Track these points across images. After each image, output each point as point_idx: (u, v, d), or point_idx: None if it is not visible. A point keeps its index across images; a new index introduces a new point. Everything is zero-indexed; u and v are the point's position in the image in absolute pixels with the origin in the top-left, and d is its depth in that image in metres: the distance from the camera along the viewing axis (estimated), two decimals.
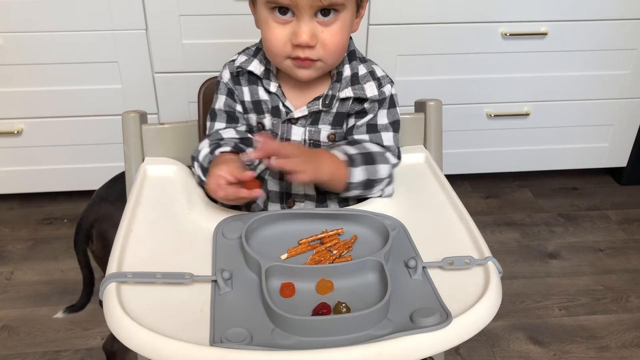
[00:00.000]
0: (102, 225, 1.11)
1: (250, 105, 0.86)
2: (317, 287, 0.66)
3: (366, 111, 0.84)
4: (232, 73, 0.86)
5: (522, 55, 1.68)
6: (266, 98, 0.85)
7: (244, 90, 0.86)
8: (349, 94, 0.83)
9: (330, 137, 0.85)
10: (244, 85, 0.86)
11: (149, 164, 0.89)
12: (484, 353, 1.34)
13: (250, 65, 0.84)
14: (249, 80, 0.86)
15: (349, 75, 0.84)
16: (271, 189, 0.87)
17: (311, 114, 0.83)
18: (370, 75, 0.84)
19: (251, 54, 0.86)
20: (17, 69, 1.56)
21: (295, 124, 0.84)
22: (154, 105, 1.65)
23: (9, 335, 1.36)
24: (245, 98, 0.86)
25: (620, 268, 1.62)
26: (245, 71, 0.85)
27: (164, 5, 1.51)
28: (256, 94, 0.85)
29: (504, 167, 1.89)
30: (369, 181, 0.80)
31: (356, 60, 0.85)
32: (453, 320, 0.60)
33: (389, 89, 0.85)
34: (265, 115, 0.85)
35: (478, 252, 0.71)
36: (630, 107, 1.81)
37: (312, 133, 0.84)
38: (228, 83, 0.86)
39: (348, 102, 0.84)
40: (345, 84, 0.84)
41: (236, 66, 0.85)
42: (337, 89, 0.83)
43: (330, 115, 0.84)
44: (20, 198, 1.84)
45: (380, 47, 1.61)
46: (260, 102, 0.85)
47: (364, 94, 0.83)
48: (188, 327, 0.60)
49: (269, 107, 0.85)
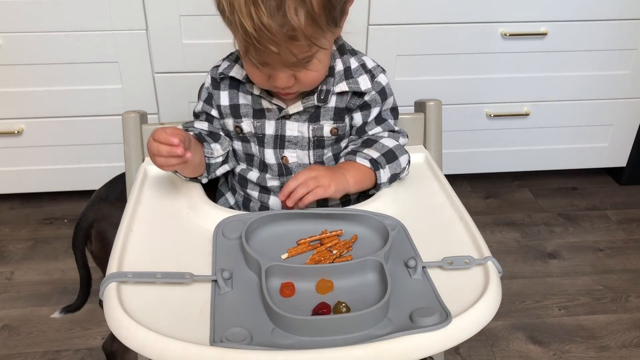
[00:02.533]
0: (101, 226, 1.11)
1: (227, 110, 0.87)
2: (317, 286, 0.66)
3: (369, 105, 0.86)
4: (213, 78, 0.87)
5: (522, 55, 1.68)
6: (245, 102, 0.86)
7: (222, 94, 0.87)
8: (344, 88, 0.84)
9: (333, 131, 0.86)
10: (222, 89, 0.87)
11: (149, 164, 0.89)
12: (483, 353, 1.34)
13: (232, 71, 0.85)
14: (229, 85, 0.87)
15: (342, 69, 0.85)
16: (271, 185, 0.88)
17: (307, 109, 0.84)
18: (362, 68, 0.86)
19: (233, 59, 0.87)
20: (17, 69, 1.56)
21: (289, 119, 0.85)
22: (154, 105, 1.65)
23: (9, 335, 1.37)
24: (222, 102, 0.87)
25: (620, 268, 1.62)
26: (228, 77, 0.86)
27: (164, 5, 1.51)
28: (235, 98, 0.87)
29: (504, 167, 1.89)
30: (394, 175, 0.84)
31: (347, 53, 0.86)
32: (453, 320, 0.60)
33: (383, 78, 0.87)
34: (242, 119, 0.86)
35: (478, 252, 0.71)
36: (630, 107, 1.82)
37: (315, 130, 0.85)
38: (209, 88, 0.88)
39: (346, 97, 0.85)
40: (339, 79, 0.84)
41: (219, 72, 0.86)
42: (330, 84, 0.84)
43: (330, 110, 0.85)
44: (20, 198, 1.84)
45: (380, 47, 1.61)
46: (239, 106, 0.86)
47: (359, 87, 0.84)
48: (188, 327, 0.60)
49: (250, 110, 0.86)
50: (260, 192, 0.90)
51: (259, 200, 0.90)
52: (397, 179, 0.85)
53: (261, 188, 0.90)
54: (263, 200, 0.90)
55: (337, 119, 0.85)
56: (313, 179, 0.77)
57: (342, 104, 0.85)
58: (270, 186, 0.88)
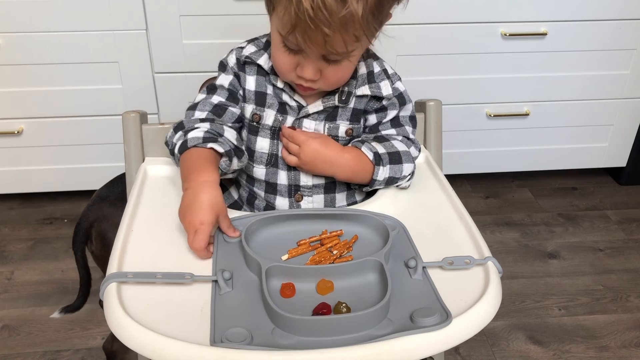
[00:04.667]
0: (101, 226, 1.11)
1: (252, 96, 0.85)
2: (317, 287, 0.66)
3: (386, 108, 0.86)
4: (238, 59, 0.85)
5: (522, 55, 1.68)
6: (271, 92, 0.85)
7: (249, 79, 0.85)
8: (366, 91, 0.84)
9: (348, 132, 0.86)
10: (249, 74, 0.85)
11: (149, 164, 0.89)
12: (483, 353, 1.34)
13: (260, 59, 0.84)
14: (257, 72, 0.85)
15: (365, 72, 0.85)
16: (280, 182, 0.87)
17: (326, 109, 0.84)
18: (384, 73, 0.86)
19: (261, 46, 0.85)
20: (17, 69, 1.56)
21: (307, 117, 0.84)
22: (154, 105, 1.65)
23: (9, 335, 1.37)
24: (249, 87, 0.85)
25: (620, 268, 1.62)
26: (254, 63, 0.84)
27: (164, 5, 1.51)
28: (263, 86, 0.85)
29: (504, 167, 1.90)
30: (392, 179, 0.83)
31: (370, 57, 0.87)
32: (453, 320, 0.60)
33: (401, 85, 0.87)
34: (264, 108, 0.85)
35: (478, 252, 0.71)
36: (630, 107, 1.82)
37: (330, 129, 0.85)
38: (234, 67, 0.86)
39: (365, 99, 0.85)
40: (361, 82, 0.85)
41: (245, 55, 0.84)
42: (353, 86, 0.84)
43: (348, 111, 0.85)
44: (20, 198, 1.84)
45: (380, 47, 1.60)
46: (266, 95, 0.85)
47: (381, 92, 0.84)
48: (188, 327, 0.60)
49: (274, 101, 0.85)
50: (266, 191, 0.88)
51: (265, 200, 0.89)
52: (394, 184, 0.85)
53: (268, 186, 0.88)
54: (269, 200, 0.88)
55: (353, 120, 0.85)
56: (303, 147, 0.81)
57: (360, 106, 0.85)
58: (279, 184, 0.87)
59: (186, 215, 0.71)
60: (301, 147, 0.82)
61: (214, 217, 0.71)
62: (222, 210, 0.73)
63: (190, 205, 0.71)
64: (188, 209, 0.71)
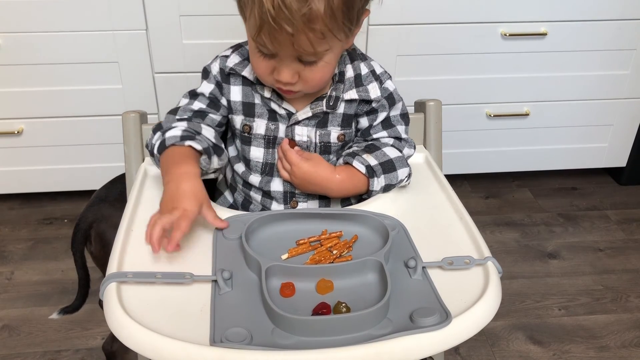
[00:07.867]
0: (100, 226, 1.11)
1: (239, 107, 0.85)
2: (317, 287, 0.66)
3: (376, 110, 0.85)
4: (222, 69, 0.85)
5: (522, 56, 1.68)
6: (259, 102, 0.84)
7: (234, 89, 0.85)
8: (353, 96, 0.83)
9: (340, 137, 0.85)
10: (234, 84, 0.85)
11: (149, 164, 0.89)
12: (483, 353, 1.34)
13: (245, 71, 0.83)
14: (243, 82, 0.84)
15: (352, 76, 0.84)
16: (275, 190, 0.87)
17: (316, 115, 0.83)
18: (372, 74, 0.85)
19: (245, 55, 0.84)
20: (17, 69, 1.56)
21: (298, 124, 0.84)
22: (154, 105, 1.65)
23: (9, 335, 1.37)
24: (234, 98, 0.85)
25: (620, 268, 1.62)
26: (238, 74, 0.84)
27: (164, 6, 1.51)
28: (250, 96, 0.84)
29: (504, 167, 1.89)
30: (388, 185, 0.83)
31: (357, 59, 0.85)
32: (453, 320, 0.60)
33: (390, 84, 0.86)
34: (254, 118, 0.84)
35: (478, 252, 0.71)
36: (630, 107, 1.82)
37: (322, 135, 0.84)
38: (217, 76, 0.85)
39: (354, 104, 0.85)
40: (349, 85, 0.84)
41: (229, 67, 0.84)
42: (340, 90, 0.83)
43: (338, 116, 0.84)
44: (20, 198, 1.84)
45: (380, 47, 1.61)
46: (254, 105, 0.84)
47: (369, 96, 0.84)
48: (188, 327, 0.60)
49: (264, 110, 0.84)
50: (263, 196, 0.88)
51: (261, 204, 0.89)
52: (392, 189, 0.84)
53: (264, 193, 0.88)
54: (265, 205, 0.88)
55: (344, 125, 0.85)
56: (294, 169, 0.82)
57: (350, 111, 0.85)
58: (274, 191, 0.87)
59: (168, 205, 0.71)
60: (292, 169, 0.82)
61: (197, 206, 0.71)
62: (205, 201, 0.73)
63: (173, 196, 0.71)
64: (170, 200, 0.71)
